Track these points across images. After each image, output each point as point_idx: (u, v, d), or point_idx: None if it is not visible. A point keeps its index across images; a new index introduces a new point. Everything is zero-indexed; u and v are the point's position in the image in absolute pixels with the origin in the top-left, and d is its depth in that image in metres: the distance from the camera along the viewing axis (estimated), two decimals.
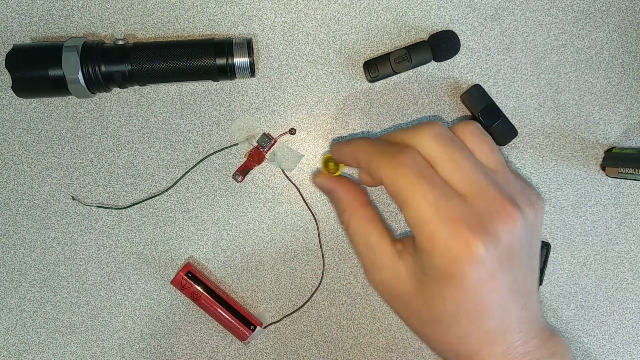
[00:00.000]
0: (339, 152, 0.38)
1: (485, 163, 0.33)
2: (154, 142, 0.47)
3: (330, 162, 0.42)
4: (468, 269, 0.29)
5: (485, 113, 0.46)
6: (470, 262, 0.29)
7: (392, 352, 0.49)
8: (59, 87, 0.42)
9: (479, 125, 0.35)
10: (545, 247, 0.48)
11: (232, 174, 0.48)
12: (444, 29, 0.47)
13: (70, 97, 0.46)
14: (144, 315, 0.49)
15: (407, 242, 0.34)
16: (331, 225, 0.48)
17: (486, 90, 0.47)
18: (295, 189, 0.48)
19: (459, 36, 0.46)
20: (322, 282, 0.49)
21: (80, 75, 0.42)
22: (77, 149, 0.47)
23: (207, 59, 0.43)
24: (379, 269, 0.34)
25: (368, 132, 0.48)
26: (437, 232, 0.30)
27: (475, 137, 0.33)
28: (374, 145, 0.35)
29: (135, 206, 0.48)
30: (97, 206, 0.48)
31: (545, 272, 0.48)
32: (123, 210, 0.48)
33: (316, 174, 0.41)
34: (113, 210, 0.48)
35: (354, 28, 0.47)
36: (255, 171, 0.48)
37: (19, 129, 0.47)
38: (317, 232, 0.48)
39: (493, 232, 0.29)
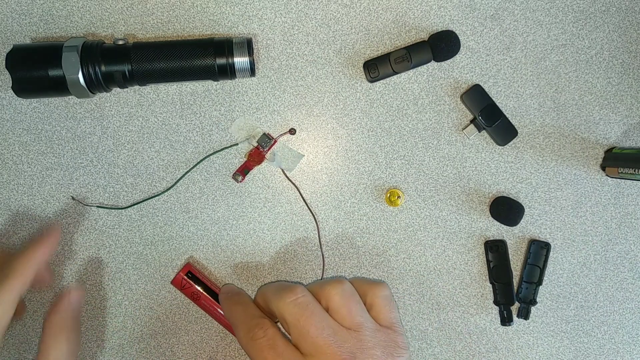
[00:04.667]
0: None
1: (341, 322, 0.39)
2: (154, 142, 0.47)
3: (393, 194, 0.47)
4: None
5: (485, 113, 0.46)
6: None
7: None
8: (59, 87, 0.42)
9: (346, 287, 0.41)
10: (545, 247, 0.48)
11: (232, 174, 0.48)
12: (444, 29, 0.47)
13: (70, 97, 0.46)
14: (144, 315, 0.49)
15: None
16: (331, 225, 0.48)
17: (486, 90, 0.47)
18: (295, 189, 0.48)
19: (459, 36, 0.46)
20: None
21: (80, 75, 0.42)
22: (77, 149, 0.47)
23: (207, 58, 0.43)
24: None
25: (368, 131, 0.48)
26: None
27: (335, 300, 0.40)
28: (233, 314, 0.42)
29: (135, 206, 0.48)
30: (97, 206, 0.48)
31: (545, 272, 0.48)
32: (123, 210, 0.48)
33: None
34: (113, 210, 0.48)
35: (354, 28, 0.47)
36: (255, 171, 0.48)
37: (19, 129, 0.47)
38: (317, 232, 0.48)
39: None
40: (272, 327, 0.39)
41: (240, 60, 0.44)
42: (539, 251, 0.48)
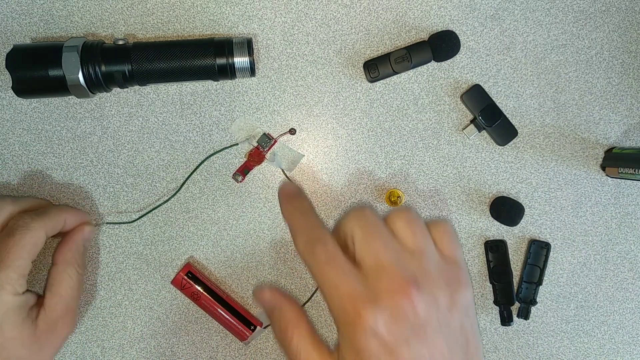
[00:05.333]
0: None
1: (406, 245, 0.37)
2: (154, 142, 0.47)
3: (393, 194, 0.47)
4: (363, 339, 0.33)
5: (485, 113, 0.46)
6: (363, 331, 0.33)
7: None
8: (59, 87, 0.42)
9: (412, 212, 0.39)
10: (546, 247, 0.48)
11: (232, 174, 0.48)
12: (444, 29, 0.47)
13: (70, 97, 0.46)
14: (144, 315, 0.49)
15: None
16: (331, 226, 0.48)
17: (486, 90, 0.47)
18: None
19: (459, 36, 0.46)
20: None
21: (80, 75, 0.42)
22: (77, 149, 0.47)
23: (207, 58, 0.43)
24: None
25: (368, 131, 0.48)
26: (336, 308, 0.35)
27: (400, 221, 0.38)
28: (296, 221, 0.40)
29: (135, 206, 0.48)
30: (108, 223, 0.47)
31: (545, 272, 0.48)
32: (123, 210, 0.48)
33: (260, 290, 0.42)
34: (113, 210, 0.48)
35: (354, 28, 0.47)
36: (255, 171, 0.48)
37: (19, 129, 0.47)
38: None
39: (386, 306, 0.33)
40: (332, 241, 0.37)
41: (240, 60, 0.44)
42: (539, 251, 0.48)
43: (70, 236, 0.45)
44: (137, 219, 0.48)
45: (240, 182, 0.48)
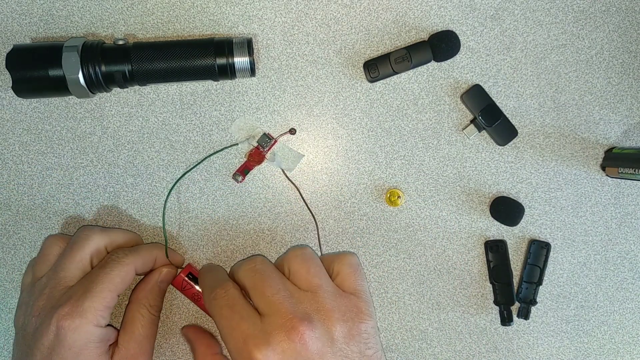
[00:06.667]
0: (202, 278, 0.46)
1: (300, 285, 0.39)
2: (154, 142, 0.47)
3: (393, 194, 0.47)
4: None
5: (485, 113, 0.46)
6: None
7: (392, 352, 0.49)
8: (59, 87, 0.42)
9: (306, 251, 0.41)
10: (545, 247, 0.48)
11: (232, 174, 0.48)
12: (444, 29, 0.47)
13: (70, 97, 0.46)
14: None
15: None
16: (331, 225, 0.48)
17: (486, 90, 0.47)
18: (295, 189, 0.48)
19: (459, 36, 0.46)
20: None
21: (80, 75, 0.42)
22: (77, 149, 0.47)
23: (207, 58, 0.43)
24: None
25: (368, 131, 0.48)
26: (232, 351, 0.37)
27: (295, 263, 0.40)
28: (203, 280, 0.44)
29: (135, 206, 0.48)
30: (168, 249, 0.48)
31: (545, 272, 0.48)
32: (123, 209, 0.48)
33: (184, 327, 0.47)
34: (113, 210, 0.48)
35: (354, 28, 0.47)
36: (255, 171, 0.48)
37: (19, 129, 0.47)
38: (317, 232, 0.48)
39: (276, 344, 0.35)
40: (233, 288, 0.39)
41: (241, 60, 0.44)
42: (539, 251, 0.48)
43: (147, 276, 0.45)
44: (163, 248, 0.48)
45: (240, 182, 0.48)
